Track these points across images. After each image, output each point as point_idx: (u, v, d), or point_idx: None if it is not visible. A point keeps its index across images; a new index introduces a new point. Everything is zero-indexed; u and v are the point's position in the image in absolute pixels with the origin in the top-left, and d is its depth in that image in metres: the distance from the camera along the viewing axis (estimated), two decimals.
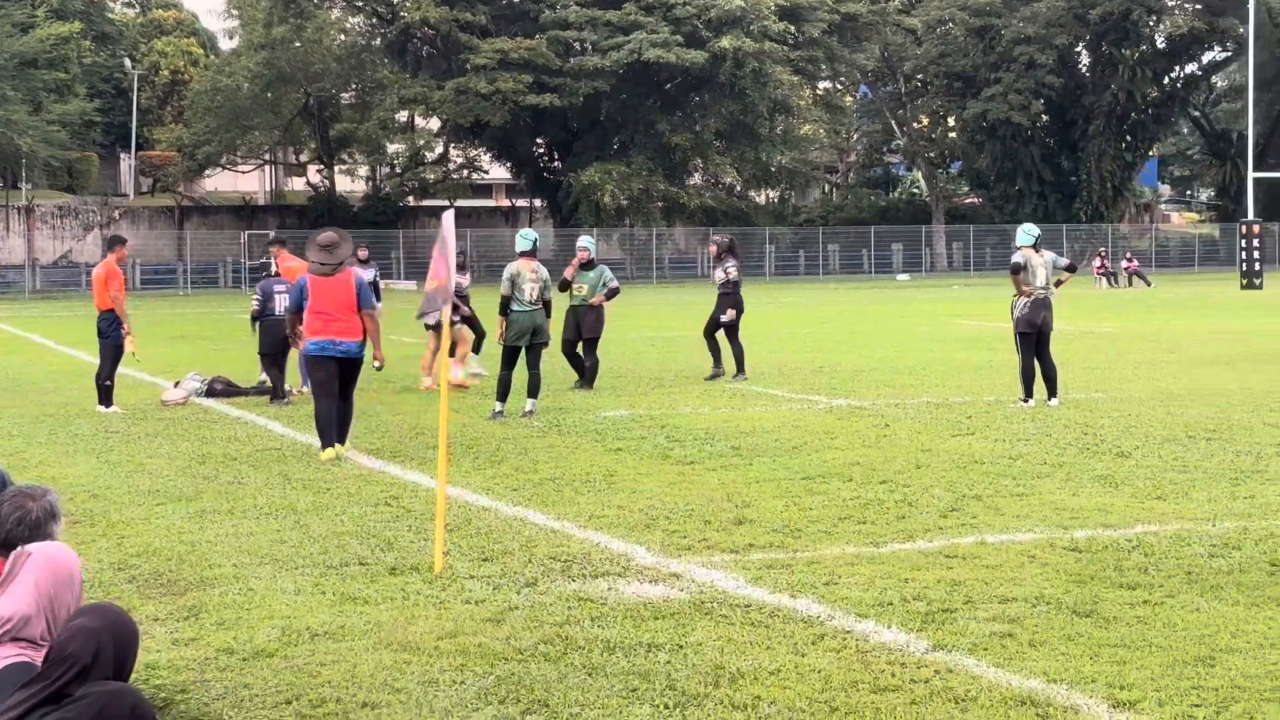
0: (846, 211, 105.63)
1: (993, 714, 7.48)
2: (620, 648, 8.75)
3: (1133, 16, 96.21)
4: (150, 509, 13.56)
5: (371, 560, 11.22)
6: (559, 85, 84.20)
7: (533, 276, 20.54)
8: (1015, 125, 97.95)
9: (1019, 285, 21.15)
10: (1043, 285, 21.14)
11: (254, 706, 7.77)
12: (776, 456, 16.29)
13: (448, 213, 11.70)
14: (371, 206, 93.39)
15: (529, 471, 15.55)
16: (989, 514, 12.78)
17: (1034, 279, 21.09)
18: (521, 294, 20.48)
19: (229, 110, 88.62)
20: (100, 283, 21.92)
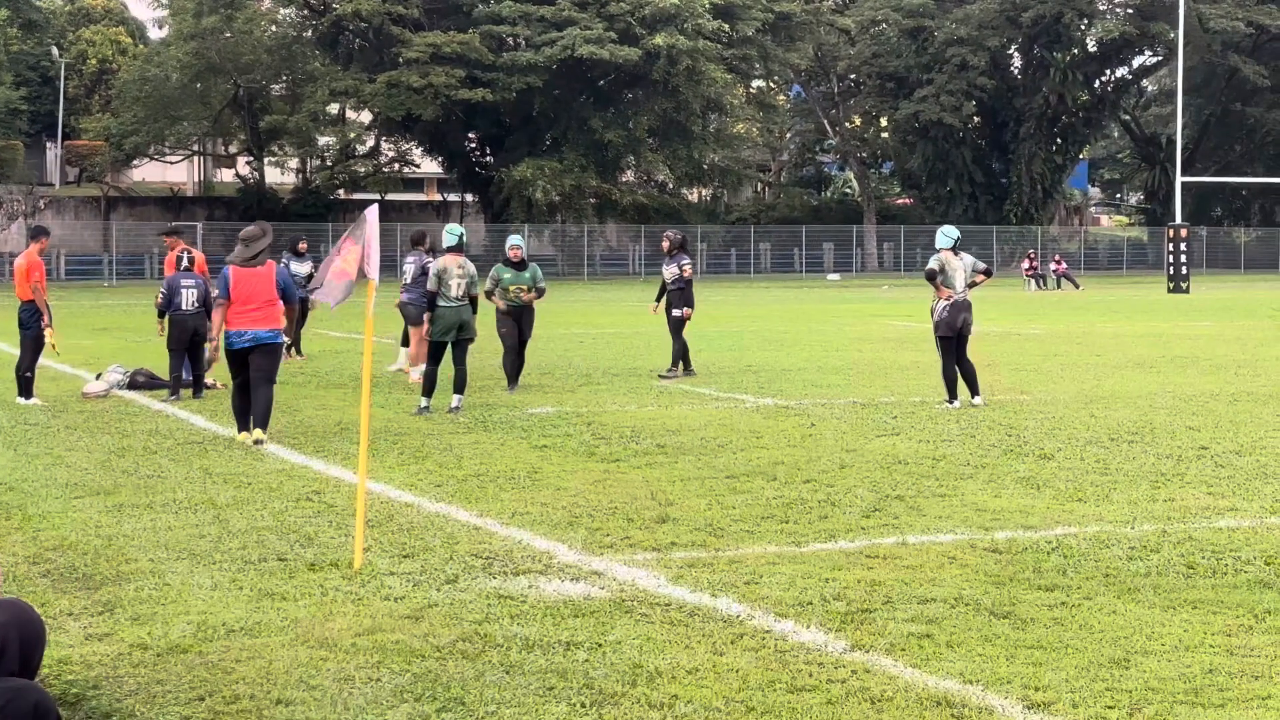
0: (778, 210, 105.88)
1: (908, 714, 7.49)
2: (539, 646, 8.72)
3: (1064, 20, 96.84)
4: (67, 502, 13.44)
5: (291, 556, 11.15)
6: (491, 80, 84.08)
7: (459, 272, 20.48)
8: (947, 126, 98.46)
9: (937, 288, 21.24)
10: (961, 288, 21.25)
11: (167, 702, 7.71)
12: (701, 455, 16.29)
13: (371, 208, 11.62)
14: (301, 199, 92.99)
15: (453, 468, 15.50)
16: (911, 514, 12.82)
17: (953, 282, 21.20)
18: (448, 289, 20.40)
19: (157, 100, 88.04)
20: (21, 273, 21.72)
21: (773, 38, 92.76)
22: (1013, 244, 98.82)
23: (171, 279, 23.08)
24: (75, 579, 10.51)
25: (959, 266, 21.34)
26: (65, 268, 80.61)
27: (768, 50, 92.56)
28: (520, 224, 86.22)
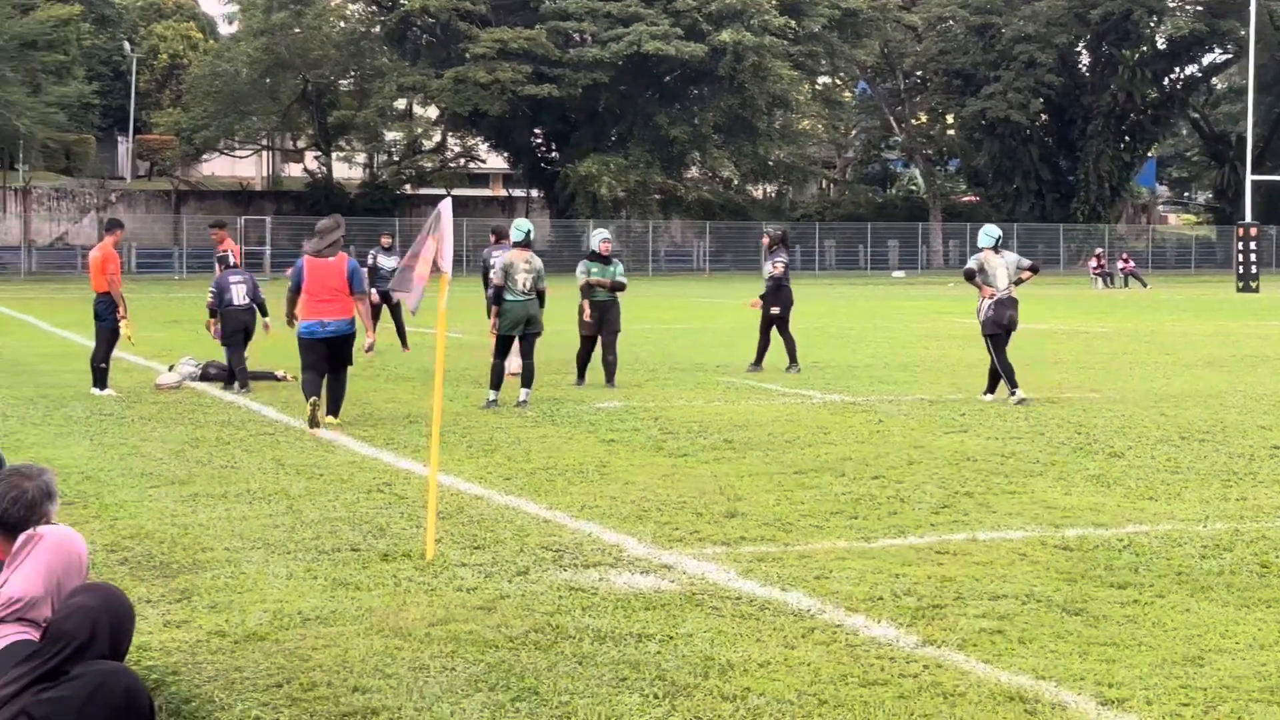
0: (843, 208, 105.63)
1: (981, 709, 7.51)
2: (610, 637, 8.77)
3: (1133, 17, 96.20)
4: (143, 492, 13.58)
5: (364, 546, 11.24)
6: (558, 76, 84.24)
7: (526, 267, 20.55)
8: (1014, 124, 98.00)
9: (979, 287, 21.47)
10: (1005, 285, 21.41)
11: (245, 689, 7.79)
12: (769, 451, 16.31)
13: (445, 201, 11.69)
14: (368, 194, 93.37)
15: (522, 461, 15.57)
16: (981, 511, 12.81)
17: (994, 280, 21.39)
18: (515, 284, 20.49)
19: (227, 95, 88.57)
20: (97, 266, 21.95)
21: (839, 34, 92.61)
22: (1079, 242, 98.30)
23: (220, 278, 23.27)
24: (152, 567, 10.63)
25: (1000, 264, 21.51)
26: (136, 261, 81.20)
27: (834, 46, 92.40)
28: (585, 220, 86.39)
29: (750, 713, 7.45)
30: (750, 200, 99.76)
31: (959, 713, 7.46)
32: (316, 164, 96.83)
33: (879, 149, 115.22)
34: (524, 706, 7.54)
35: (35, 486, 6.69)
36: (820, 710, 7.49)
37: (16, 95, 76.51)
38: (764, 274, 26.69)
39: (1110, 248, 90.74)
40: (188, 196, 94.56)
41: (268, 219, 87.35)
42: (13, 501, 6.61)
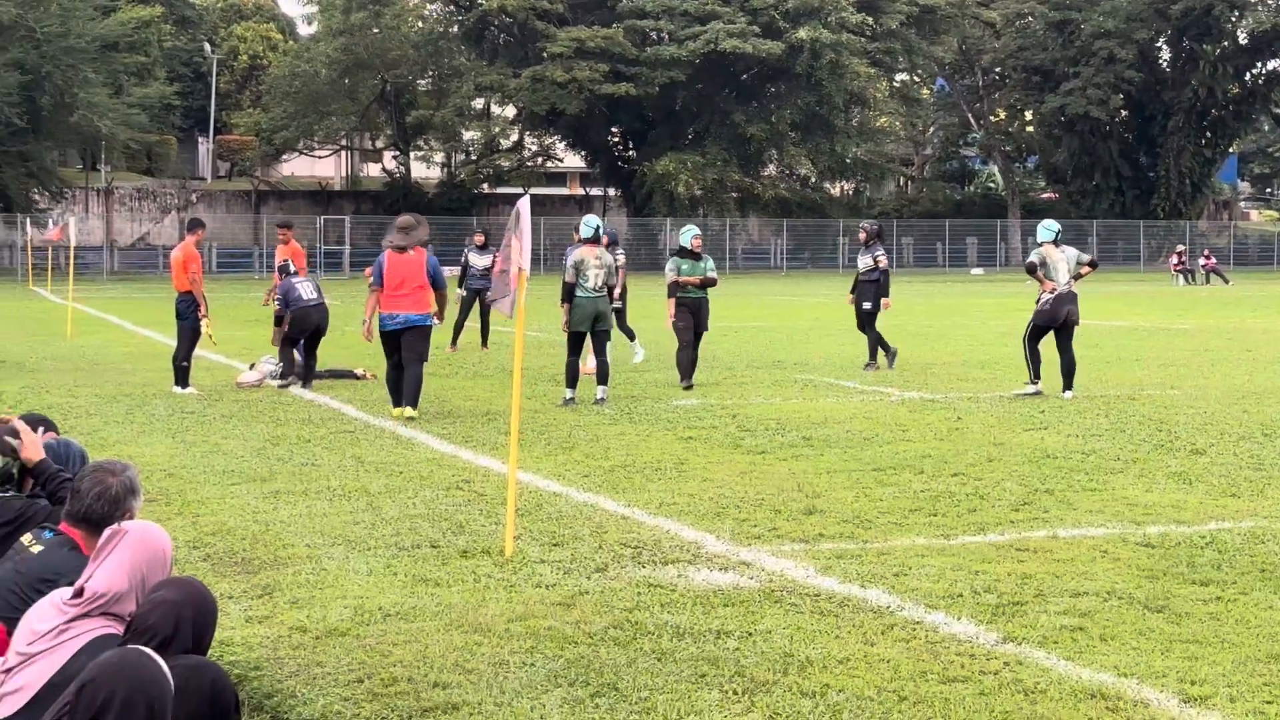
0: (921, 205, 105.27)
1: (1062, 706, 7.47)
2: (689, 634, 8.78)
3: (1214, 12, 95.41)
4: (225, 489, 13.68)
5: (443, 543, 11.28)
6: (635, 74, 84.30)
7: (596, 263, 20.58)
8: (1093, 120, 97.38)
9: (1040, 281, 21.59)
10: (1065, 280, 21.47)
11: (327, 684, 7.84)
12: (848, 448, 16.28)
13: (523, 199, 11.73)
14: (446, 193, 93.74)
15: (600, 458, 15.60)
16: (1061, 508, 12.74)
17: (1055, 274, 21.50)
18: (585, 280, 20.51)
19: (306, 96, 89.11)
20: (179, 265, 22.13)
21: (917, 31, 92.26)
22: (1160, 239, 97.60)
23: (284, 284, 23.26)
24: (234, 563, 10.71)
25: (1061, 259, 21.63)
26: (217, 261, 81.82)
27: (912, 43, 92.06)
28: (662, 218, 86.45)
29: (830, 709, 7.44)
30: (827, 198, 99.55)
31: (1040, 710, 7.43)
32: (395, 163, 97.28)
33: (957, 146, 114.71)
34: (603, 702, 7.55)
35: (119, 482, 6.75)
36: (900, 707, 7.47)
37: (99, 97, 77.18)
38: (860, 267, 26.57)
39: (1191, 244, 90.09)
40: (267, 196, 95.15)
41: (346, 219, 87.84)
42: (97, 497, 6.68)
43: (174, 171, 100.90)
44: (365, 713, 7.41)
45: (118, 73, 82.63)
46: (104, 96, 78.00)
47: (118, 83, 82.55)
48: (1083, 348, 28.69)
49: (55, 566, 6.63)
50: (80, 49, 75.02)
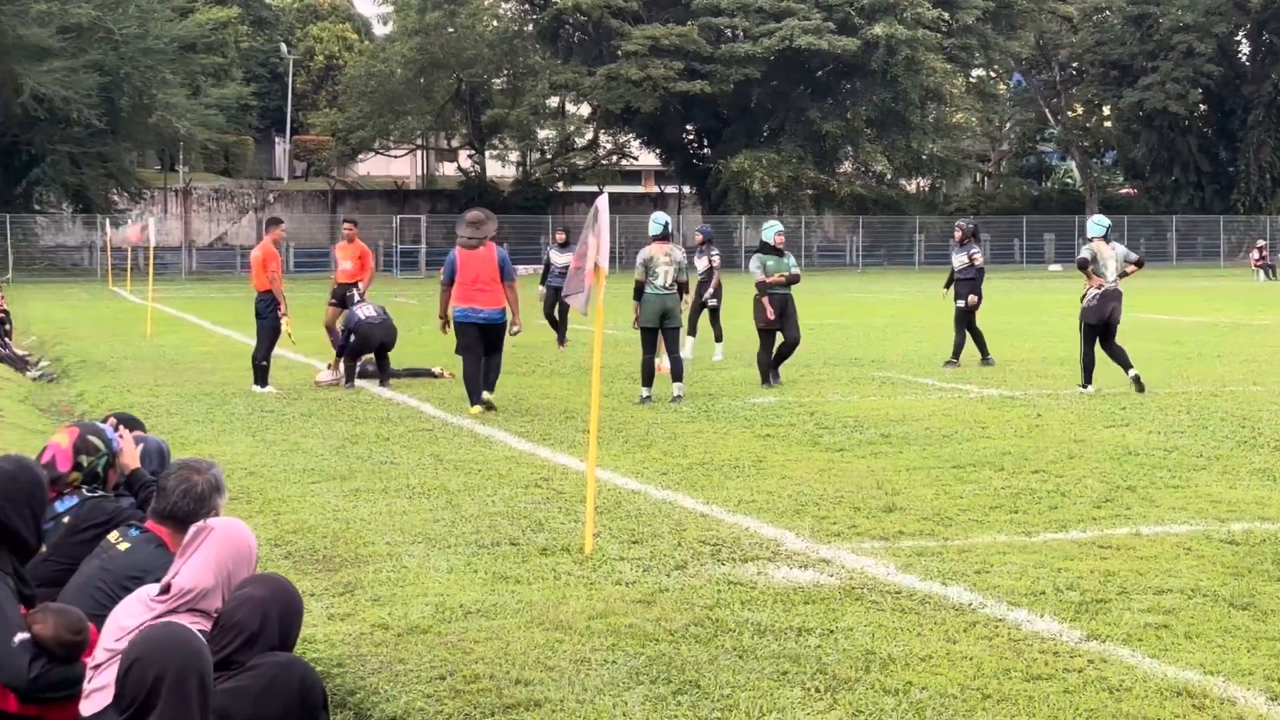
0: (998, 201, 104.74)
1: (1147, 704, 7.42)
2: (770, 631, 8.76)
3: None
4: (305, 487, 13.75)
5: (523, 540, 11.31)
6: (710, 72, 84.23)
7: (666, 260, 20.56)
8: (1172, 115, 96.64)
9: (1089, 277, 21.55)
10: (1113, 277, 21.55)
11: (409, 681, 7.87)
12: (927, 445, 16.21)
13: (601, 197, 11.74)
14: (521, 192, 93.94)
15: (678, 456, 15.59)
16: (1143, 505, 12.65)
17: (1104, 271, 21.52)
18: (655, 277, 20.51)
19: (382, 95, 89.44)
20: (258, 264, 22.26)
21: (993, 26, 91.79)
22: (1240, 234, 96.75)
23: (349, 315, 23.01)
24: (315, 561, 10.77)
25: (1111, 255, 21.71)
26: (294, 260, 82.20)
27: (988, 39, 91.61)
28: (738, 215, 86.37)
29: (913, 707, 7.41)
30: (903, 195, 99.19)
31: (1125, 708, 7.37)
32: (470, 162, 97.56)
33: (1034, 141, 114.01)
34: (685, 700, 7.55)
35: (204, 480, 6.80)
36: (984, 705, 7.43)
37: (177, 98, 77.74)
38: (956, 265, 26.47)
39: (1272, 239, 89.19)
40: (344, 196, 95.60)
41: (422, 218, 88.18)
42: (183, 495, 6.73)
43: (251, 172, 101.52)
44: (448, 710, 7.43)
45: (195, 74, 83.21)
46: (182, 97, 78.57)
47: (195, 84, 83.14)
48: (1164, 344, 28.56)
49: (142, 564, 6.68)
50: (158, 50, 75.60)
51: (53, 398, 22.65)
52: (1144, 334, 32.45)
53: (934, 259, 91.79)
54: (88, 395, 21.60)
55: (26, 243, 77.09)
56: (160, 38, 75.73)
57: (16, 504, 6.38)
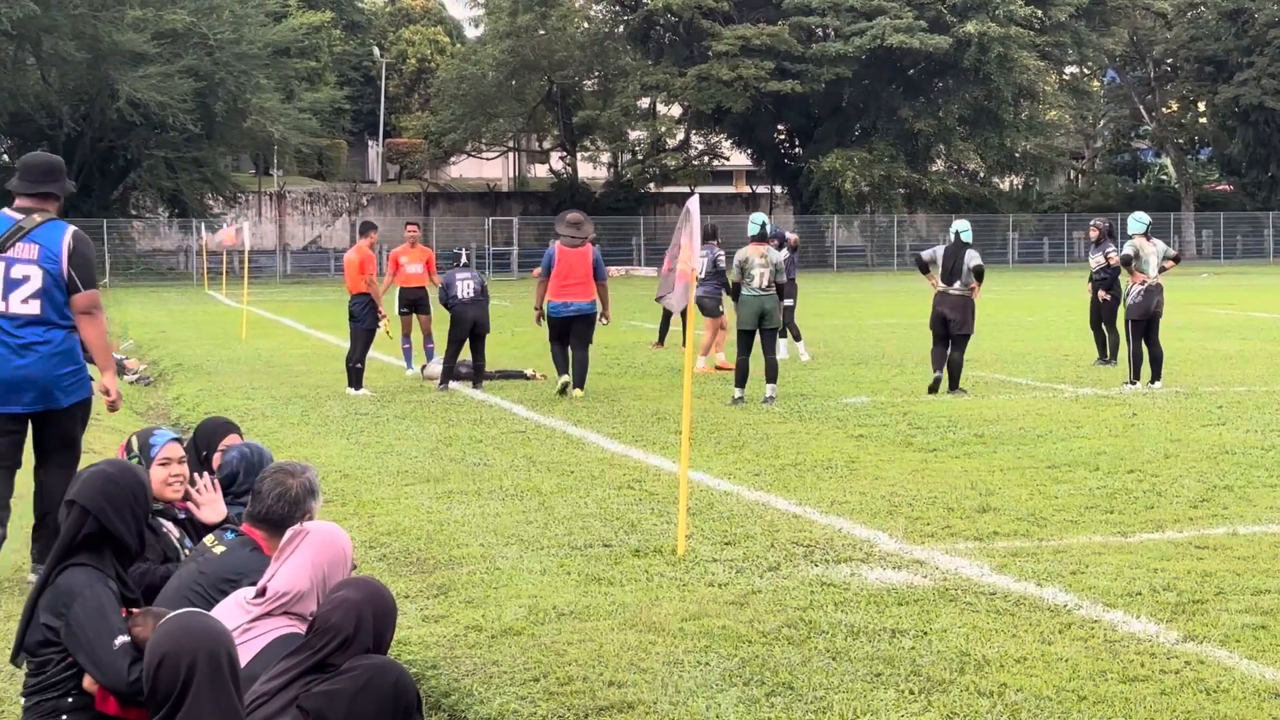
0: (1092, 198, 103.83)
1: (1245, 706, 7.35)
2: (864, 633, 8.74)
3: None
4: (399, 489, 13.83)
5: (615, 542, 11.33)
6: (801, 71, 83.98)
7: (761, 261, 20.51)
8: (1269, 111, 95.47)
9: (1132, 274, 21.80)
10: (1154, 273, 21.84)
11: (503, 683, 7.90)
12: (1021, 445, 16.12)
13: (693, 199, 11.75)
14: (613, 193, 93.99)
15: (770, 457, 15.57)
16: (1241, 505, 12.54)
17: (1146, 267, 21.77)
18: (750, 279, 20.43)
19: (474, 98, 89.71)
20: (353, 267, 22.43)
21: (1086, 23, 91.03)
22: None
23: (446, 276, 23.24)
24: (410, 563, 10.82)
25: (1152, 251, 21.98)
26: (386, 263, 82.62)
27: (1081, 36, 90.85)
28: (830, 215, 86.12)
29: (1008, 709, 7.37)
30: (996, 192, 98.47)
31: (1223, 709, 7.31)
32: (562, 164, 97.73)
33: (1128, 138, 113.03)
34: (779, 701, 7.54)
35: (299, 484, 6.84)
36: (1080, 706, 7.39)
37: (271, 102, 78.29)
38: (1092, 265, 26.28)
39: None
40: (436, 199, 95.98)
41: (514, 219, 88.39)
42: (278, 498, 6.78)
43: (344, 175, 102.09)
44: (542, 711, 7.46)
45: (289, 78, 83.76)
46: (276, 102, 79.12)
47: (289, 88, 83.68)
48: (1261, 342, 28.27)
49: (237, 567, 6.73)
50: (252, 55, 76.16)
51: (149, 401, 22.87)
52: (1239, 331, 32.15)
53: (1027, 257, 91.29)
54: (184, 399, 21.80)
55: (123, 247, 77.78)
56: (254, 43, 76.26)
57: (118, 507, 6.44)
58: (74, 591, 6.29)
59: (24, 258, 9.63)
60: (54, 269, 9.65)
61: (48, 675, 6.35)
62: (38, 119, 72.77)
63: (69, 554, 6.41)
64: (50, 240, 9.66)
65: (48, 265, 9.63)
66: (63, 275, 9.61)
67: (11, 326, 9.66)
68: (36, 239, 9.64)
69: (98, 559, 6.40)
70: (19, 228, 9.66)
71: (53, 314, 9.69)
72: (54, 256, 9.64)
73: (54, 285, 9.66)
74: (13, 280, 9.59)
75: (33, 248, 9.64)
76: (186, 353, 29.57)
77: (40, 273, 9.63)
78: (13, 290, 9.60)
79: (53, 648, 6.34)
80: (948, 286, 21.42)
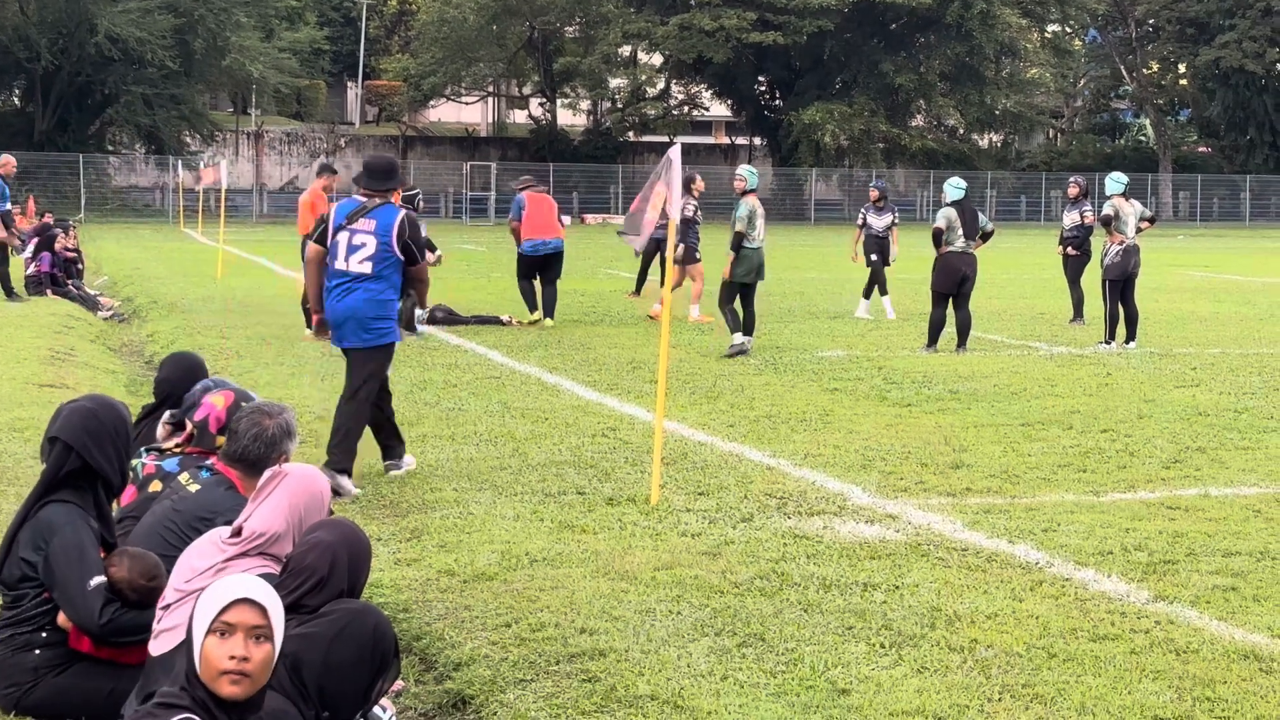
0: (1071, 158, 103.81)
1: (1214, 666, 7.38)
2: (836, 586, 8.76)
3: None
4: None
5: (589, 490, 11.33)
6: (783, 23, 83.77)
7: (763, 215, 20.42)
8: (1249, 73, 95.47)
9: (1111, 234, 21.90)
10: (1132, 233, 21.95)
11: (474, 628, 7.91)
12: (995, 402, 16.14)
13: (674, 148, 11.71)
14: (592, 141, 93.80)
15: (745, 408, 15.58)
16: (1213, 467, 12.58)
17: (1124, 227, 21.90)
18: (755, 230, 20.20)
19: (454, 42, 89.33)
20: (305, 209, 22.33)
21: None
22: None
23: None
24: (383, 506, 10.83)
25: (1131, 212, 22.12)
26: None
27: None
28: (808, 168, 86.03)
29: (978, 664, 7.39)
30: (975, 149, 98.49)
31: (1192, 669, 7.34)
32: (541, 110, 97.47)
33: (1108, 98, 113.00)
34: (750, 652, 7.56)
35: (275, 424, 6.83)
36: (1050, 664, 7.41)
37: (250, 40, 77.93)
38: (1066, 224, 26.10)
39: None
40: (415, 142, 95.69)
41: (493, 165, 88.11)
42: (254, 439, 6.76)
43: (323, 116, 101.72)
44: (513, 657, 7.46)
45: (269, 17, 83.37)
46: (255, 40, 78.77)
47: (269, 27, 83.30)
48: (1236, 304, 28.34)
49: (212, 505, 6.71)
50: None
51: (124, 338, 22.80)
52: (1216, 294, 32.22)
53: (1005, 214, 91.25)
54: (158, 336, 21.73)
55: (99, 183, 77.44)
56: None
57: (100, 442, 6.44)
58: (54, 527, 6.29)
59: (363, 229, 11.94)
60: (384, 239, 11.92)
61: (22, 609, 6.35)
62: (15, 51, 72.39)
63: (51, 489, 6.40)
64: (385, 219, 11.96)
65: (381, 237, 11.92)
66: (389, 244, 11.89)
67: (347, 280, 11.97)
68: (374, 216, 11.98)
69: (79, 496, 6.40)
70: (363, 207, 12.05)
71: (381, 270, 11.93)
72: (386, 230, 11.91)
73: (383, 250, 11.91)
74: (354, 246, 11.95)
75: (370, 223, 11.96)
76: (161, 290, 29.46)
77: (374, 242, 11.91)
78: (353, 254, 11.94)
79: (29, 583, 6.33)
80: (969, 244, 20.98)
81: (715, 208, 78.11)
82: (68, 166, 74.49)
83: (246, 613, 4.75)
